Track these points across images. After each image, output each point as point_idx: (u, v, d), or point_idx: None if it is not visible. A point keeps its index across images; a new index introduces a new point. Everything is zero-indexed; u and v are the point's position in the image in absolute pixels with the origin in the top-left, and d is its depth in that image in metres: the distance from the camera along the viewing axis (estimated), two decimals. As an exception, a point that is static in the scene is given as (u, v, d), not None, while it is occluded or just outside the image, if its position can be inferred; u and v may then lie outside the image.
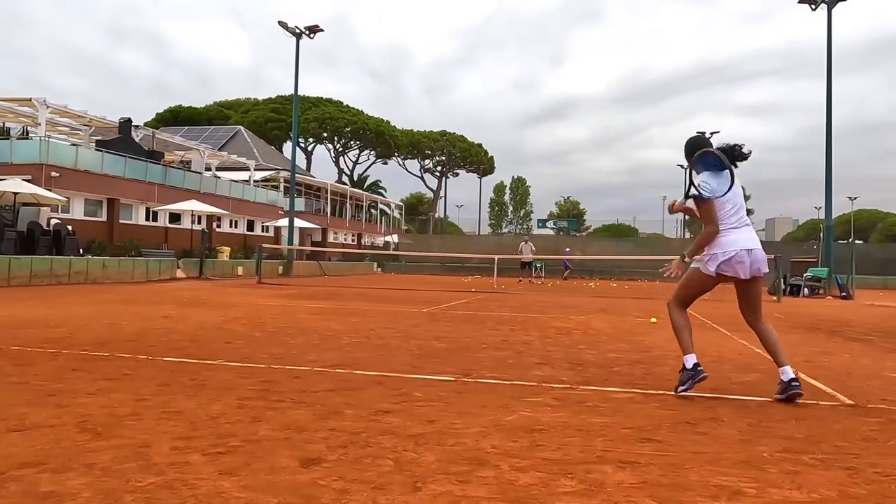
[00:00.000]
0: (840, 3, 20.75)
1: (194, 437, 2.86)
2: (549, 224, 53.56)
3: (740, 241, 3.96)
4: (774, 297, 16.33)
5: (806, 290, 19.09)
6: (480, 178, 73.88)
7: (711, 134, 45.23)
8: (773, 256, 17.78)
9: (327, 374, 4.58)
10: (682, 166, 53.80)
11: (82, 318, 7.85)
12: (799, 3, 21.42)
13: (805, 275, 19.57)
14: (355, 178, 71.49)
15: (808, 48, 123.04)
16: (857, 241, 53.43)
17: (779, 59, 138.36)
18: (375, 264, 37.87)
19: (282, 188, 42.05)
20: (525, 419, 3.36)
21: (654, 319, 9.51)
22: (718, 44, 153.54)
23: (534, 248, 25.77)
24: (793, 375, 3.93)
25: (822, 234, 23.28)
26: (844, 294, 18.48)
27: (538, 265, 27.01)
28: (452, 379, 4.47)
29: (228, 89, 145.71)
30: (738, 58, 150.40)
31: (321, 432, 3.00)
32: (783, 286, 16.77)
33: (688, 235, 66.21)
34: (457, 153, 73.59)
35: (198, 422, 3.14)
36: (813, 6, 21.24)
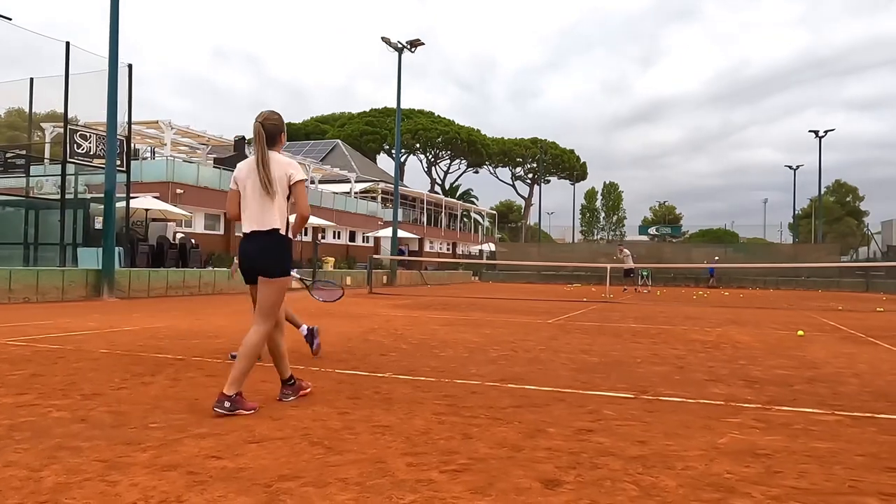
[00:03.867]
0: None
1: (419, 454, 2.92)
2: (651, 230, 52.00)
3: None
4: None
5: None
6: (574, 184, 72.77)
7: (825, 132, 42.67)
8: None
9: (501, 388, 4.58)
10: (790, 167, 50.99)
11: (233, 328, 8.29)
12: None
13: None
14: (447, 187, 72.29)
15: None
16: None
17: (893, 49, 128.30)
18: (472, 272, 38.05)
19: (380, 199, 43.08)
20: (741, 442, 3.22)
21: (801, 332, 8.98)
22: (824, 35, 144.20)
23: (631, 256, 25.11)
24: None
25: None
26: None
27: (644, 273, 26.26)
28: (632, 396, 4.37)
29: (321, 104, 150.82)
30: (846, 49, 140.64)
31: (539, 451, 2.99)
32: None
33: (795, 240, 62.53)
34: (548, 160, 72.94)
35: (412, 437, 3.20)
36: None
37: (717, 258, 31.77)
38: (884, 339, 8.32)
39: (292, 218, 3.91)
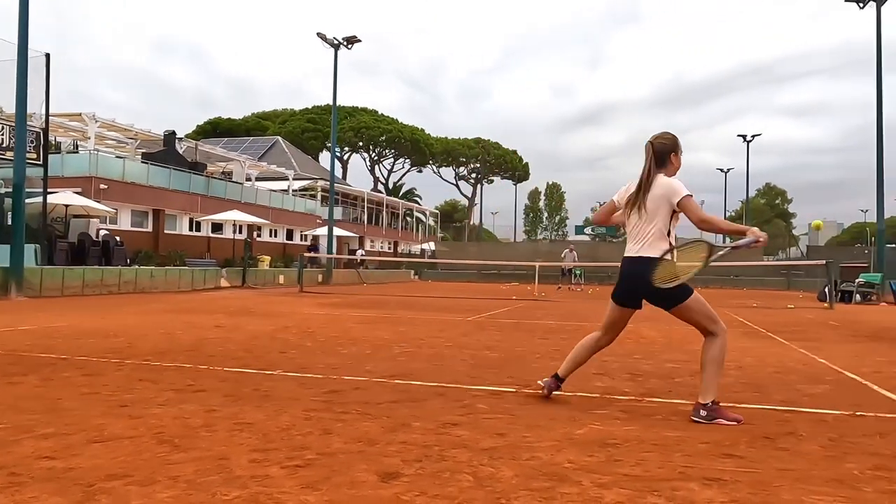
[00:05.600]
0: (890, 1, 20.16)
1: (270, 450, 2.87)
2: (587, 230, 53.07)
3: None
4: (826, 304, 15.88)
5: (858, 296, 18.49)
6: (515, 184, 73.69)
7: (753, 137, 44.41)
8: (824, 262, 17.34)
9: (387, 384, 4.57)
10: (721, 170, 52.88)
11: (138, 327, 8.02)
12: (846, 1, 20.89)
13: (857, 280, 18.96)
14: (390, 186, 72.00)
15: (857, 47, 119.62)
16: (907, 245, 51.57)
17: (827, 59, 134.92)
18: (413, 272, 38.00)
19: (319, 197, 42.55)
20: (597, 433, 3.29)
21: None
22: (764, 44, 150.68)
23: (576, 258, 25.62)
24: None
25: (870, 239, 22.64)
26: (899, 300, 17.84)
27: (577, 272, 26.77)
28: (514, 390, 4.42)
29: (269, 100, 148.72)
30: (784, 58, 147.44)
31: (393, 445, 2.99)
32: (834, 292, 16.27)
33: (727, 241, 64.98)
34: (491, 160, 73.52)
35: (270, 434, 3.15)
36: (861, 5, 20.67)
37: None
38: (781, 335, 8.69)
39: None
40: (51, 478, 2.44)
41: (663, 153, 3.75)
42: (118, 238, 21.18)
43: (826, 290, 16.73)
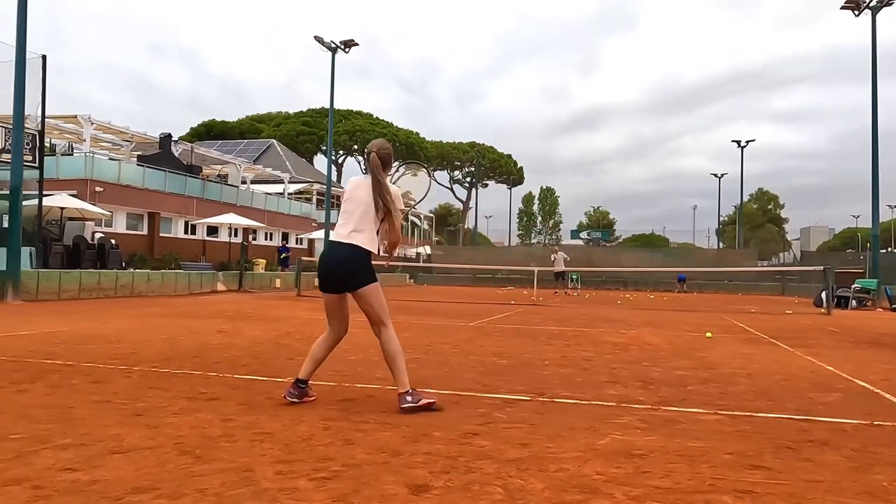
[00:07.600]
0: (885, 8, 20.32)
1: (293, 461, 2.84)
2: (583, 235, 53.19)
3: None
4: (823, 310, 15.94)
5: (854, 301, 18.59)
6: (510, 188, 73.77)
7: (747, 142, 44.66)
8: (822, 268, 17.41)
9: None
10: (715, 175, 53.11)
11: (139, 332, 7.95)
12: (841, 9, 21.05)
13: (853, 286, 19.06)
14: (385, 189, 71.89)
15: (846, 53, 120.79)
16: (898, 251, 51.98)
17: (816, 65, 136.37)
18: (408, 276, 37.95)
19: (314, 200, 42.46)
20: (619, 443, 3.27)
21: (709, 334, 9.31)
22: (754, 50, 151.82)
23: (567, 258, 25.54)
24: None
25: (860, 244, 22.81)
26: (895, 306, 17.94)
27: (573, 276, 26.78)
28: (528, 399, 4.40)
29: (262, 103, 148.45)
30: (773, 64, 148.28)
31: (417, 456, 2.96)
32: (832, 298, 16.32)
33: (722, 245, 65.11)
34: (486, 164, 73.60)
35: (291, 444, 3.12)
36: (856, 12, 20.83)
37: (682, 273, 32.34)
38: (783, 340, 8.71)
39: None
40: (75, 490, 2.40)
41: (387, 161, 4.23)
42: (113, 241, 21.06)
43: (823, 295, 16.80)
